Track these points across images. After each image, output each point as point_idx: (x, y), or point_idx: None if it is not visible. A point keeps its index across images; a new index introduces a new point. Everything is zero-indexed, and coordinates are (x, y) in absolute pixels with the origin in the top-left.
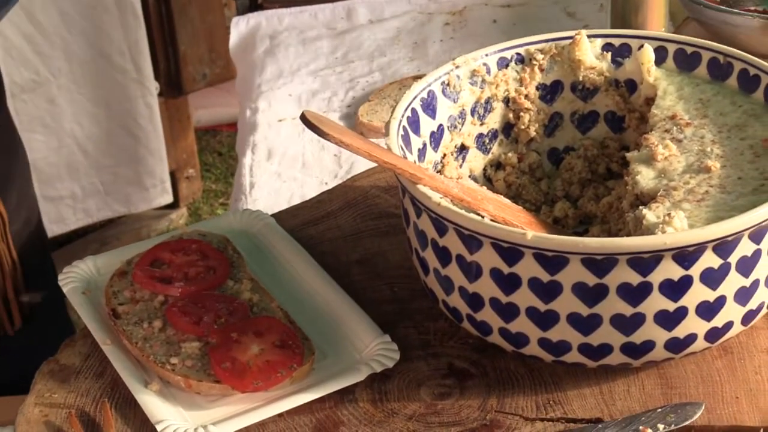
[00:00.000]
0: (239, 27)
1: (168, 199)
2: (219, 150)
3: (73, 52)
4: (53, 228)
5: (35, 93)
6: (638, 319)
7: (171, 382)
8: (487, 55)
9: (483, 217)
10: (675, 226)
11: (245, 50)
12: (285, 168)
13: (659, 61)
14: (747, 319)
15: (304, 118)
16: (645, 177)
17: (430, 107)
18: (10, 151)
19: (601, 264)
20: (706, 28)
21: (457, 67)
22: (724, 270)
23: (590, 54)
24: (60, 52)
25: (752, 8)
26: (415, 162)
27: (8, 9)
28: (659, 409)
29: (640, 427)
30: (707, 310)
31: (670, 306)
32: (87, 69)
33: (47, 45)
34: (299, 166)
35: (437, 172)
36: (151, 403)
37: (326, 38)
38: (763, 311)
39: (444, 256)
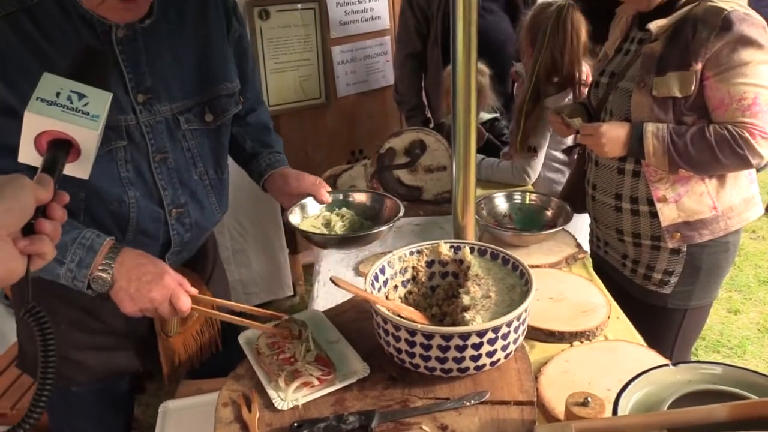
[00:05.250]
0: None
1: (291, 293)
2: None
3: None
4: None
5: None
6: (463, 359)
7: (280, 382)
8: (406, 251)
9: (402, 317)
10: (477, 321)
11: None
12: (331, 291)
13: (471, 252)
14: (506, 356)
15: (331, 280)
16: (465, 300)
17: (383, 271)
18: (215, 260)
19: (447, 337)
20: (492, 236)
21: (393, 255)
22: (494, 339)
23: (445, 249)
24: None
25: (510, 227)
26: (377, 292)
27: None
28: (471, 393)
29: (465, 402)
30: (489, 354)
31: (476, 352)
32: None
33: None
34: (335, 290)
35: (385, 297)
36: (271, 391)
37: None
38: (509, 355)
39: (386, 333)
